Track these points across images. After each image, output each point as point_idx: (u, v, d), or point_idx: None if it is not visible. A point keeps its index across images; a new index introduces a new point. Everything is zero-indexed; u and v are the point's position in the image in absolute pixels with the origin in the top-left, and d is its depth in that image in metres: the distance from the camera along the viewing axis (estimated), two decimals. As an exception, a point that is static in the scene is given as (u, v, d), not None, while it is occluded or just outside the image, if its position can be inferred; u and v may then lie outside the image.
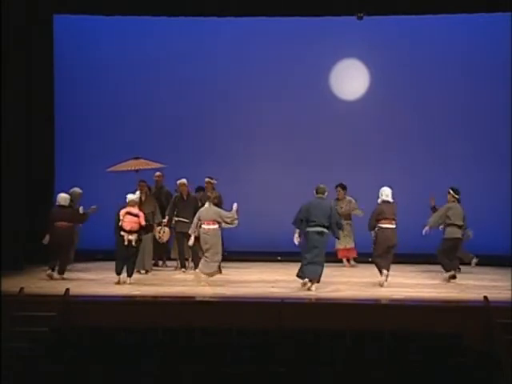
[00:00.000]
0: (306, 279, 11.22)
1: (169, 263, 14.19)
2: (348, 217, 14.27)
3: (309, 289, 11.13)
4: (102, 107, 15.58)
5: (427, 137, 15.32)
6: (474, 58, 15.12)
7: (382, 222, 11.66)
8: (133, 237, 11.69)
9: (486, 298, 10.07)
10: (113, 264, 13.99)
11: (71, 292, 10.49)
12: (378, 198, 11.83)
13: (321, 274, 11.28)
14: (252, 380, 7.77)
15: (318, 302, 10.51)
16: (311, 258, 11.20)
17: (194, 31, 15.47)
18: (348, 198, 14.40)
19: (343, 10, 14.65)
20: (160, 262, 14.25)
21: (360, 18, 14.61)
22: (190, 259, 13.37)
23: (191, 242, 11.88)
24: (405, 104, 15.40)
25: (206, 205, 11.94)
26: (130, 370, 7.97)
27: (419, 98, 15.35)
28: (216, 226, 11.74)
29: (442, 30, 15.19)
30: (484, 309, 9.90)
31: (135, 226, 11.73)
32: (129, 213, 11.76)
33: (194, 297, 10.79)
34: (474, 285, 11.99)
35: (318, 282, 11.26)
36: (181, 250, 13.49)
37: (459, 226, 12.31)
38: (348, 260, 14.51)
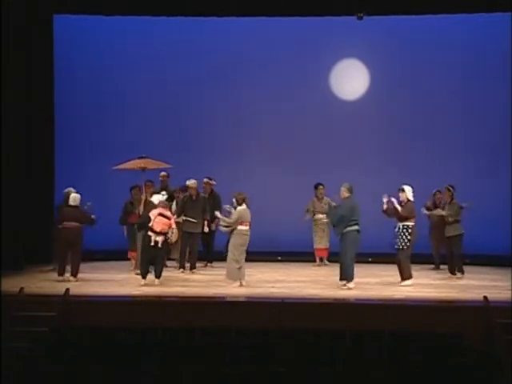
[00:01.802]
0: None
1: (168, 263, 14.12)
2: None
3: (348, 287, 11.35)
4: (101, 107, 15.58)
5: (427, 137, 15.32)
6: (474, 58, 15.12)
7: (413, 220, 11.69)
8: (159, 238, 11.62)
9: (485, 297, 10.07)
10: (113, 264, 14.06)
11: (71, 292, 10.48)
12: (410, 196, 11.74)
13: None
14: (252, 380, 7.77)
15: (318, 302, 10.50)
16: (352, 258, 11.35)
17: (194, 31, 15.47)
18: (326, 198, 14.42)
19: (343, 10, 14.65)
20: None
21: (360, 18, 14.62)
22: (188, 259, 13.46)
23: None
24: (404, 104, 15.40)
25: (245, 206, 11.69)
26: (130, 369, 7.96)
27: (419, 98, 15.35)
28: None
29: (442, 30, 15.19)
30: (484, 309, 9.90)
31: (166, 228, 11.67)
32: (161, 214, 11.68)
33: (194, 297, 10.78)
34: (474, 285, 11.99)
35: None
36: (183, 250, 13.46)
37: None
38: (322, 259, 14.60)
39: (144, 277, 11.62)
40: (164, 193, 12.52)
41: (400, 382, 7.81)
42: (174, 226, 11.80)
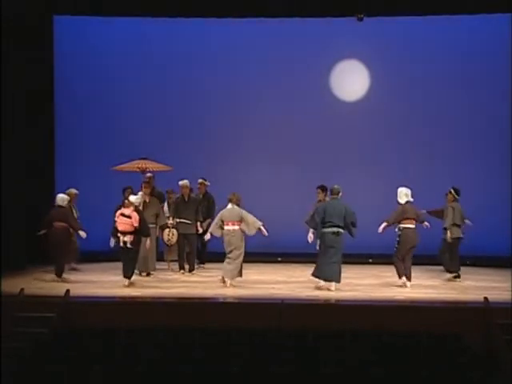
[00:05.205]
0: (322, 282, 11.32)
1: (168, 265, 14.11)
2: None
3: (328, 289, 11.22)
4: (102, 107, 15.58)
5: (427, 137, 15.32)
6: (474, 58, 15.12)
7: (405, 221, 11.67)
8: (127, 238, 11.53)
9: (486, 298, 10.07)
10: (112, 265, 14.00)
11: (71, 293, 10.48)
12: (399, 197, 11.75)
13: (340, 274, 11.32)
14: (252, 380, 7.76)
15: (318, 303, 10.51)
16: (329, 259, 11.26)
17: (194, 32, 15.47)
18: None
19: (343, 12, 14.66)
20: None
21: (360, 20, 14.63)
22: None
23: (208, 237, 11.97)
24: (405, 105, 15.40)
25: (229, 206, 11.76)
26: (130, 370, 7.96)
27: (419, 99, 15.35)
28: (239, 226, 11.70)
29: (442, 30, 15.20)
30: (484, 309, 9.90)
31: (128, 228, 11.53)
32: (122, 214, 11.62)
33: (194, 297, 10.78)
34: (474, 286, 12.00)
35: (339, 282, 11.31)
36: (181, 252, 13.43)
37: (459, 226, 12.53)
38: None
39: (130, 277, 11.68)
40: (140, 193, 12.40)
41: (400, 382, 7.80)
42: (135, 224, 11.53)
